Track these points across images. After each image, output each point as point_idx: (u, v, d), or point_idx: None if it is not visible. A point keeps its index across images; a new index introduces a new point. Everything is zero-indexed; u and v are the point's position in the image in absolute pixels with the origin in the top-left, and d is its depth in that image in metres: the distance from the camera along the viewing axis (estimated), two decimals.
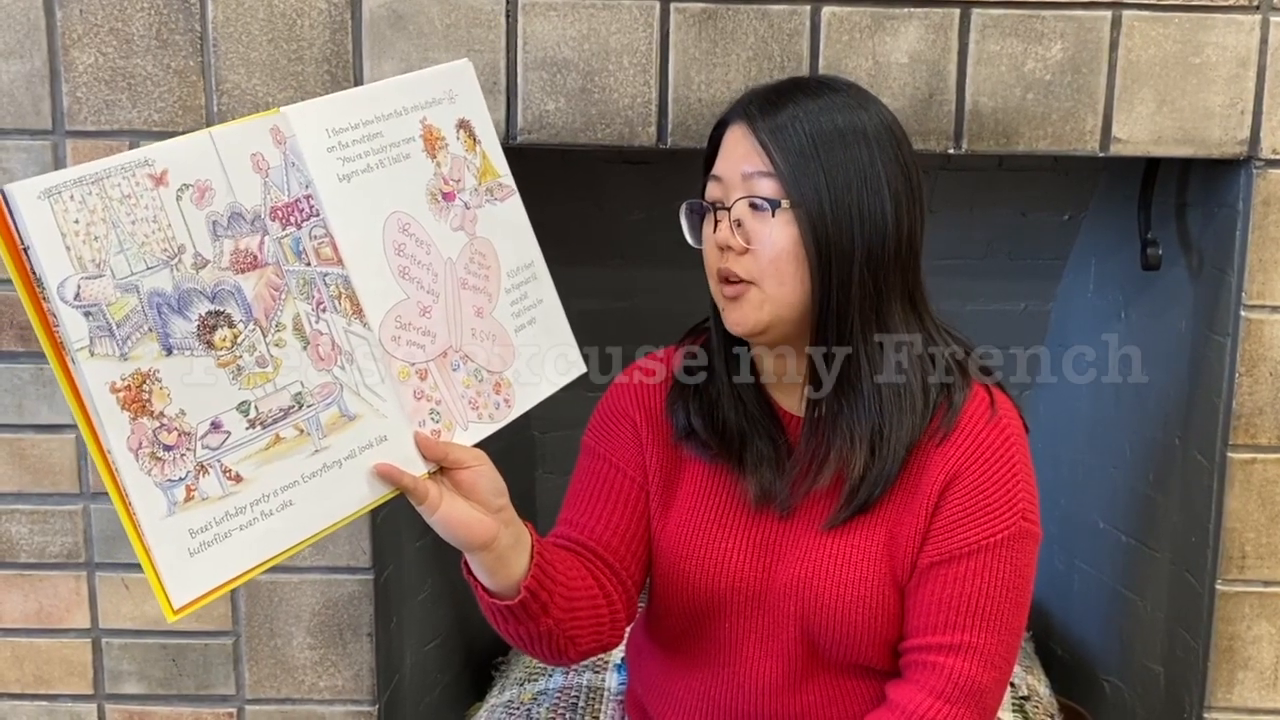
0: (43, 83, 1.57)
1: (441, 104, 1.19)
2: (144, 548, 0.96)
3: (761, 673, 1.33)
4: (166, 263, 0.98)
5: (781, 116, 1.23)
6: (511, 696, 1.74)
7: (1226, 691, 1.69)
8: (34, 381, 1.64)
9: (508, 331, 1.22)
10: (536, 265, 1.26)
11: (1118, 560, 1.96)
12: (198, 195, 1.00)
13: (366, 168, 1.12)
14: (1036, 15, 1.53)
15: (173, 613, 0.97)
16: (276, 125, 1.06)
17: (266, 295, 1.03)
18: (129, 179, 0.96)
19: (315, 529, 1.05)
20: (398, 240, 1.13)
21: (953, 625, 1.24)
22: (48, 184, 0.92)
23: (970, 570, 1.25)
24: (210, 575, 0.99)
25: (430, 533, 1.13)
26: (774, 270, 1.22)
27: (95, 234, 0.94)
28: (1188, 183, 1.74)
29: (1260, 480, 1.63)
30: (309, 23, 1.54)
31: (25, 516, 1.68)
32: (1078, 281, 2.05)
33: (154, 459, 0.96)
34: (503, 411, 1.20)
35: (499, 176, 1.24)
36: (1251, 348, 1.60)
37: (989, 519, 1.25)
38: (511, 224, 1.24)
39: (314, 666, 1.71)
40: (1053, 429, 2.06)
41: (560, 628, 1.23)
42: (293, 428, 1.04)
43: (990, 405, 1.28)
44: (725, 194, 1.25)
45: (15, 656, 1.73)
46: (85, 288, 0.93)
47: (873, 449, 1.25)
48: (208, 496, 0.99)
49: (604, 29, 1.53)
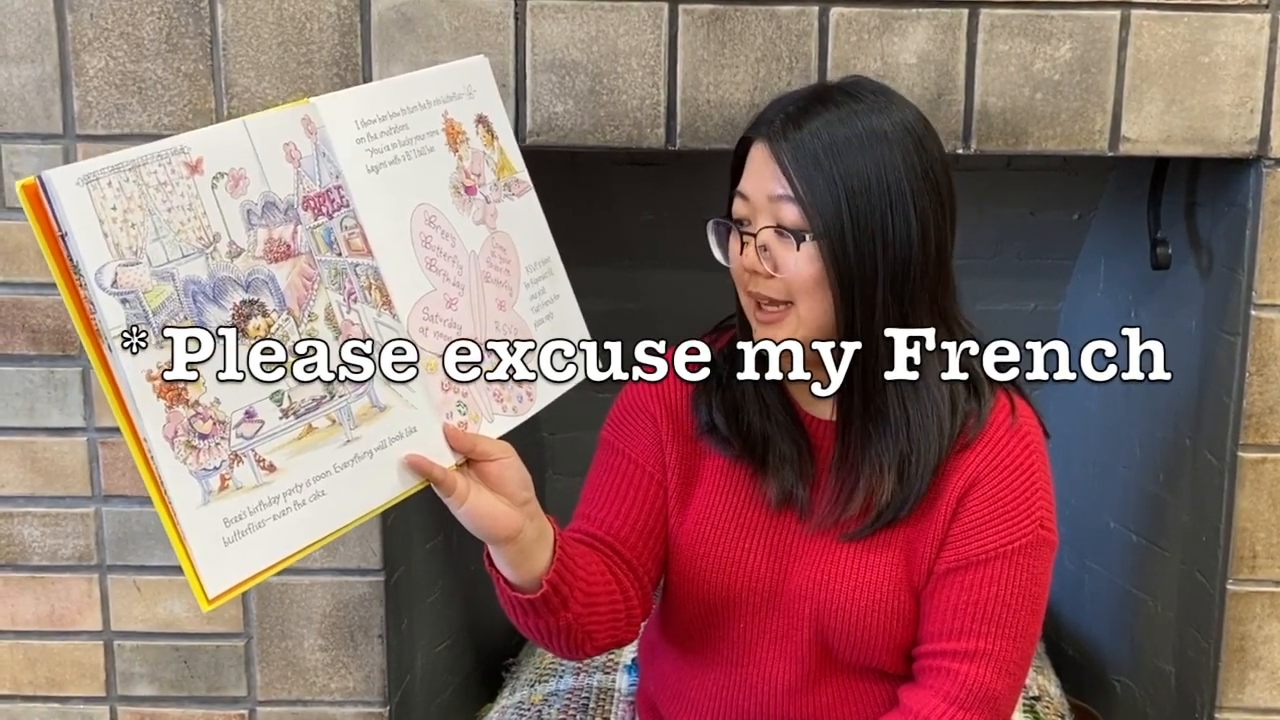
0: (54, 87, 1.57)
1: (462, 99, 1.19)
2: (179, 537, 0.95)
3: (774, 673, 1.33)
4: (202, 251, 0.97)
5: (803, 135, 1.20)
6: (522, 697, 1.74)
7: (1238, 691, 1.68)
8: (45, 384, 1.65)
9: (528, 325, 1.22)
10: (553, 261, 1.26)
11: (1128, 560, 1.96)
12: (232, 184, 1.00)
13: (394, 159, 1.11)
14: (1045, 15, 1.53)
15: (208, 602, 0.96)
16: (308, 115, 1.06)
17: (300, 285, 1.03)
18: (165, 166, 0.96)
19: (346, 519, 1.05)
20: (424, 232, 1.13)
21: (968, 632, 1.24)
22: (85, 170, 0.91)
23: (987, 577, 1.24)
24: (244, 565, 0.98)
25: (441, 534, 1.14)
26: (805, 295, 1.22)
27: (132, 221, 0.93)
28: (1197, 182, 1.74)
29: (1271, 480, 1.63)
30: (318, 26, 1.54)
31: (37, 519, 1.69)
32: (1087, 281, 2.05)
33: (189, 448, 0.96)
34: (525, 405, 1.20)
35: (515, 172, 1.24)
36: (1262, 347, 1.60)
37: (1007, 526, 1.25)
38: (528, 219, 1.24)
39: (325, 668, 1.72)
40: (1063, 429, 2.06)
41: (579, 622, 1.23)
42: (325, 417, 1.04)
43: (1011, 413, 1.28)
44: (751, 214, 1.24)
45: (28, 658, 1.73)
46: (122, 275, 0.93)
47: (900, 475, 1.25)
48: (242, 486, 0.98)
49: (612, 31, 1.54)
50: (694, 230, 1.28)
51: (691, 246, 1.29)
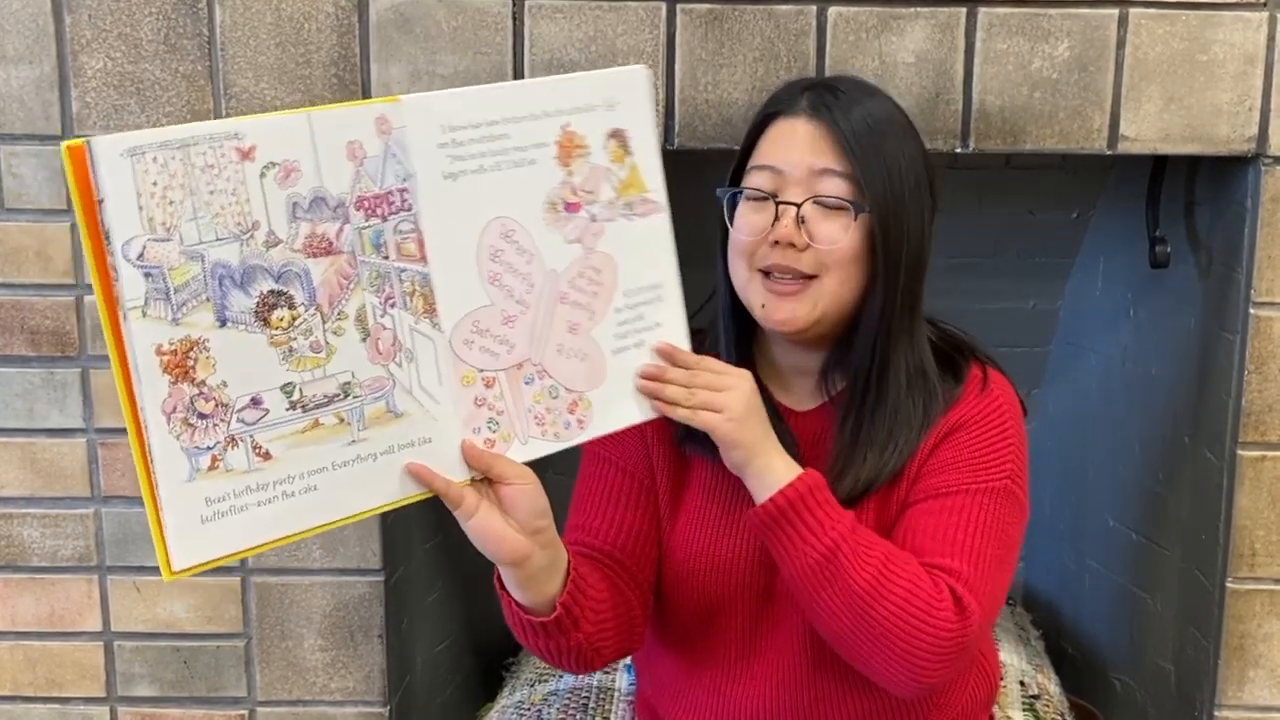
0: (52, 88, 1.57)
1: (595, 111, 1.15)
2: (155, 507, 0.97)
3: (773, 666, 1.33)
4: (238, 237, 0.98)
5: (853, 113, 1.23)
6: (522, 697, 1.74)
7: (1237, 690, 1.68)
8: (45, 385, 1.65)
9: (603, 351, 1.18)
10: (666, 288, 1.21)
11: (1128, 559, 1.96)
12: (283, 175, 0.99)
13: (479, 169, 1.09)
14: (1043, 14, 1.53)
15: (170, 573, 0.98)
16: (385, 114, 1.04)
17: (334, 282, 1.03)
18: (215, 149, 0.96)
19: (334, 516, 1.05)
20: (495, 246, 1.11)
21: (936, 552, 1.23)
22: (133, 142, 0.93)
23: (954, 506, 1.25)
24: (217, 545, 1.00)
25: (440, 534, 1.14)
26: (838, 269, 1.23)
27: (171, 198, 0.94)
28: (1196, 180, 1.74)
29: (1270, 478, 1.63)
30: (316, 26, 1.54)
31: (37, 520, 1.69)
32: (1086, 280, 2.05)
33: (186, 425, 0.97)
34: (572, 431, 1.17)
35: (646, 191, 1.19)
36: (1260, 345, 1.60)
37: (975, 469, 1.26)
38: (647, 242, 1.19)
39: (325, 668, 1.72)
40: (1062, 427, 2.06)
41: (589, 641, 1.23)
42: (334, 415, 1.04)
43: (983, 379, 1.31)
44: (780, 187, 1.24)
45: (28, 659, 1.73)
46: (150, 249, 0.94)
47: (888, 450, 1.27)
48: (232, 469, 0.99)
49: (610, 30, 1.54)
50: (692, 229, 1.28)
51: (690, 245, 1.29)
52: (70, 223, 1.60)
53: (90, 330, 1.63)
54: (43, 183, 1.59)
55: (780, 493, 1.19)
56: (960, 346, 1.35)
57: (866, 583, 1.17)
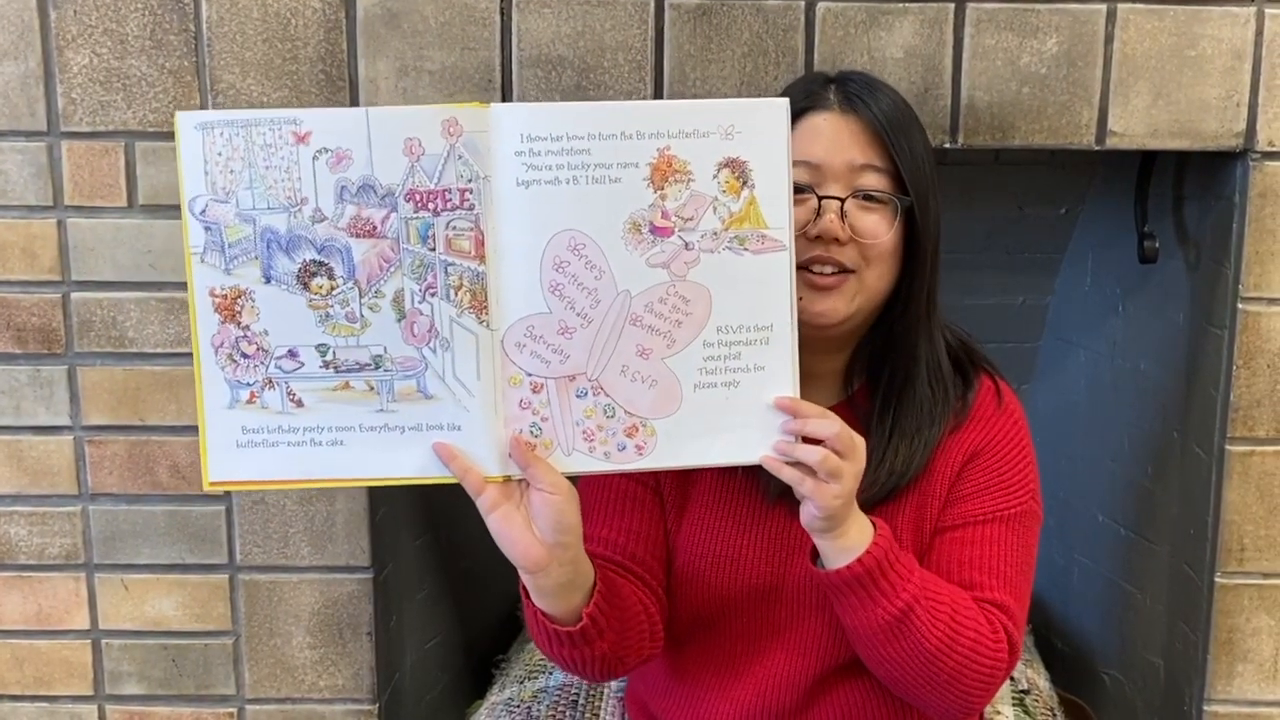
0: (37, 84, 1.56)
1: (708, 137, 1.13)
2: (203, 423, 1.14)
3: (780, 667, 1.33)
4: (287, 208, 1.11)
5: (885, 109, 1.25)
6: (512, 694, 1.74)
7: (1226, 684, 1.69)
8: (31, 383, 1.64)
9: (679, 382, 1.15)
10: (777, 331, 1.15)
11: (1117, 553, 1.96)
12: (334, 160, 1.10)
13: (553, 180, 1.11)
14: (1031, 9, 1.53)
15: (209, 484, 1.14)
16: (456, 118, 1.10)
17: (374, 263, 1.12)
18: (274, 130, 1.10)
19: (357, 474, 1.15)
20: (560, 257, 1.12)
21: (987, 586, 1.27)
22: (205, 119, 1.11)
23: (989, 535, 1.28)
24: (248, 469, 1.14)
25: (429, 532, 1.14)
26: (879, 262, 1.25)
27: (232, 168, 1.11)
28: (1184, 175, 1.74)
29: (1258, 472, 1.63)
30: (303, 22, 1.54)
31: (24, 518, 1.68)
32: (1075, 275, 2.05)
33: (230, 360, 1.13)
34: (628, 455, 1.16)
35: (765, 228, 1.14)
36: (1249, 340, 1.60)
37: (1004, 494, 1.30)
38: (758, 280, 1.15)
39: (314, 666, 1.71)
40: (1051, 422, 2.06)
41: (613, 651, 1.23)
42: (364, 381, 1.13)
43: (997, 394, 1.34)
44: (820, 181, 1.24)
45: (15, 658, 1.73)
46: (211, 208, 1.11)
47: (914, 442, 1.29)
48: (268, 406, 1.14)
49: (598, 26, 1.53)
50: None
51: None
52: (56, 219, 1.60)
53: (76, 327, 1.62)
54: (29, 179, 1.59)
55: (858, 560, 1.17)
56: (963, 345, 1.37)
57: (938, 640, 1.20)
